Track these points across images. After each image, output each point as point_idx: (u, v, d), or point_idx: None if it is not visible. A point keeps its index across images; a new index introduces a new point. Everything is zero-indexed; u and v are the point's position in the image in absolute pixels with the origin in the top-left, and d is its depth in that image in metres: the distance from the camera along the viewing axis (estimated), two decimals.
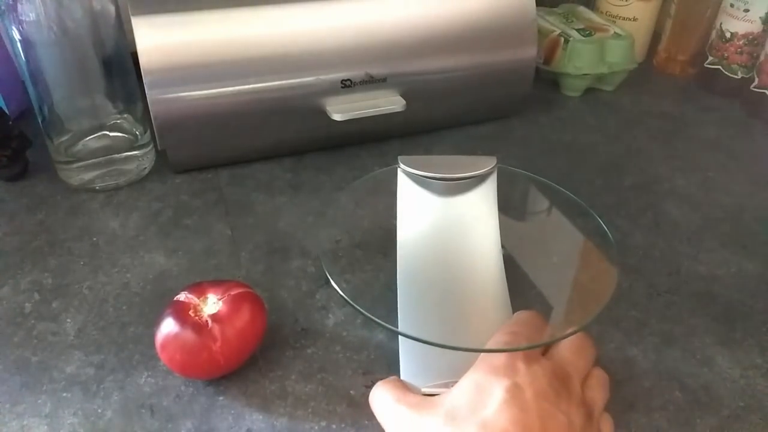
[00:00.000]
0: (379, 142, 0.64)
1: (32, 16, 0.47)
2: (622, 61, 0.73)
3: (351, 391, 0.39)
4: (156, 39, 0.51)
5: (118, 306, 0.44)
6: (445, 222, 0.44)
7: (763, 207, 0.57)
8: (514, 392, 0.30)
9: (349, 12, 0.57)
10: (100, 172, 0.55)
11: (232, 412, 0.37)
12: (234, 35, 0.53)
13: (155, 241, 0.50)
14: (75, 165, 0.55)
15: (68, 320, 0.43)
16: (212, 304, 0.37)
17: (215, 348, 0.36)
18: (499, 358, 0.32)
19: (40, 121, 0.53)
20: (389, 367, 0.40)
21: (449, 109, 0.65)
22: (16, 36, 0.48)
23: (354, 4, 0.57)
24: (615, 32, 0.74)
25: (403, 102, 0.58)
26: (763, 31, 0.71)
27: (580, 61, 0.72)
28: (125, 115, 0.56)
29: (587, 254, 0.45)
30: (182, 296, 0.38)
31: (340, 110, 0.56)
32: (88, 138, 0.55)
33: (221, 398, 0.38)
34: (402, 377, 0.37)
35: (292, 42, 0.55)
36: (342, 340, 0.42)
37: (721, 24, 0.74)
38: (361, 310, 0.35)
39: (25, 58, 0.49)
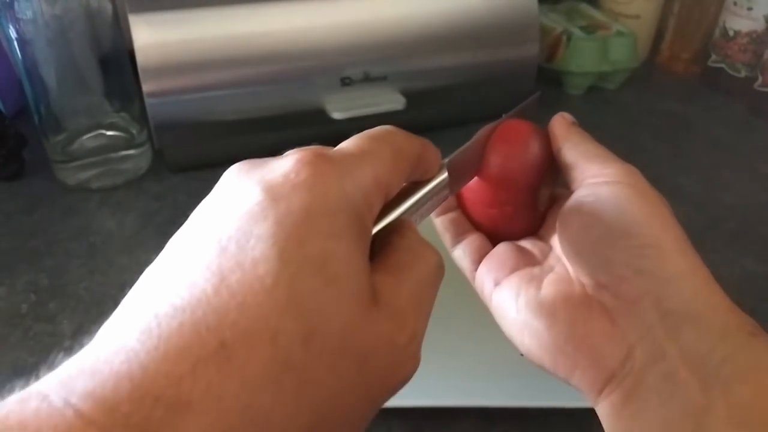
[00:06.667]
0: None
1: (29, 14, 0.47)
2: (625, 59, 0.73)
3: None
4: (153, 37, 0.51)
5: (115, 307, 0.44)
6: None
7: (767, 206, 0.57)
8: None
9: (349, 9, 0.56)
10: (96, 171, 0.55)
11: None
12: (232, 33, 0.53)
13: (153, 242, 0.49)
14: (71, 164, 0.54)
15: (65, 321, 0.43)
16: None
17: None
18: None
19: (36, 119, 0.53)
20: None
21: (450, 108, 0.65)
22: (13, 34, 0.48)
23: (353, 2, 0.56)
24: (618, 30, 0.73)
25: (404, 100, 0.58)
26: (767, 29, 0.71)
27: (583, 59, 0.71)
28: (122, 114, 0.55)
29: None
30: None
31: (339, 109, 0.56)
32: (84, 137, 0.55)
33: None
34: None
35: (291, 40, 0.54)
36: None
37: (724, 22, 0.73)
38: None
39: (21, 56, 0.49)
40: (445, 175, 0.25)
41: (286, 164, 0.18)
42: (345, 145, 0.20)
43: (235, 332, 0.15)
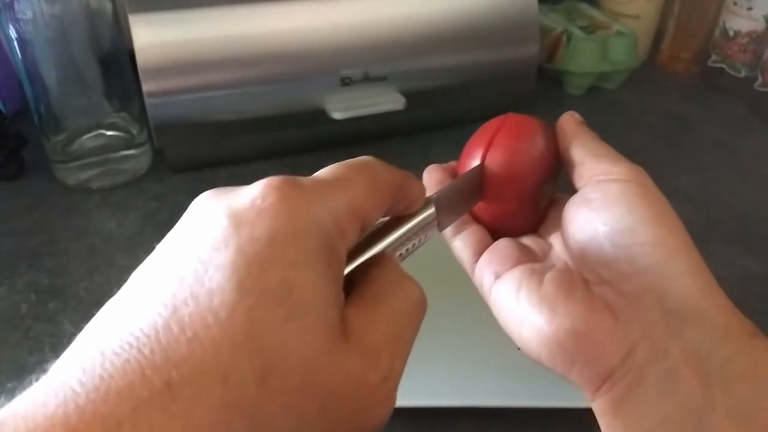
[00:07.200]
0: (379, 140, 0.63)
1: (29, 14, 0.47)
2: (625, 59, 0.73)
3: None
4: (153, 37, 0.51)
5: None
6: None
7: (767, 206, 0.57)
8: None
9: (349, 9, 0.56)
10: (96, 171, 0.55)
11: None
12: (232, 33, 0.53)
13: (152, 242, 0.48)
14: (71, 164, 0.54)
15: (65, 321, 0.43)
16: None
17: None
18: None
19: (36, 119, 0.53)
20: None
21: (450, 108, 0.65)
22: (13, 34, 0.48)
23: (353, 2, 0.56)
24: (618, 30, 0.73)
25: (404, 100, 0.58)
26: (767, 29, 0.71)
27: (583, 59, 0.71)
28: (122, 114, 0.55)
29: None
30: None
31: (339, 109, 0.56)
32: (84, 137, 0.55)
33: None
34: None
35: (291, 40, 0.54)
36: None
37: (724, 22, 0.73)
38: None
39: (21, 56, 0.49)
40: (431, 209, 0.24)
41: (253, 190, 0.17)
42: (319, 172, 0.20)
43: (182, 371, 0.14)
